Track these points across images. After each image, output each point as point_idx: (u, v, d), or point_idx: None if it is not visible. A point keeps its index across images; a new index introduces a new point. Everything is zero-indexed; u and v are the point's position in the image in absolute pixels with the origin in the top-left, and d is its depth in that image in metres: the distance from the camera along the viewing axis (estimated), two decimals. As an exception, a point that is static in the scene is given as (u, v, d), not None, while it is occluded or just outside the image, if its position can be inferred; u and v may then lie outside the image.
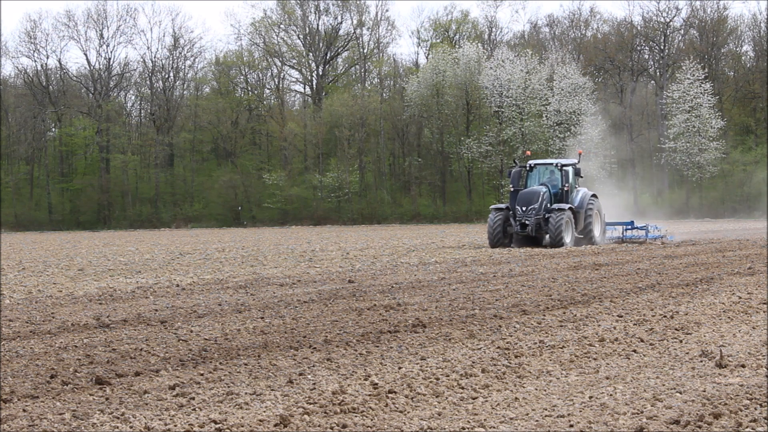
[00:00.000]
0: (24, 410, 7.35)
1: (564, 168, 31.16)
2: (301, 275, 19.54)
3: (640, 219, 41.02)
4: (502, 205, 30.95)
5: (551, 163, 32.01)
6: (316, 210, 77.94)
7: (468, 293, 15.11)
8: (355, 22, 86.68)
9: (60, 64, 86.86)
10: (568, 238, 29.83)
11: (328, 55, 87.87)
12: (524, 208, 30.07)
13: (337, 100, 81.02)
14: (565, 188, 30.83)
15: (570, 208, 30.25)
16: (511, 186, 31.37)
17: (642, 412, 7.04)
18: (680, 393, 7.63)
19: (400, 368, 8.75)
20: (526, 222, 29.95)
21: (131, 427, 6.82)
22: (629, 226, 33.47)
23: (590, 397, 7.58)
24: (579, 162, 32.18)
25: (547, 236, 30.14)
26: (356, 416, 7.10)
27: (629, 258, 23.23)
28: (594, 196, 31.68)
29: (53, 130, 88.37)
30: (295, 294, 15.48)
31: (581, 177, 32.01)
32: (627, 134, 79.37)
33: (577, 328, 11.13)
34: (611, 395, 7.63)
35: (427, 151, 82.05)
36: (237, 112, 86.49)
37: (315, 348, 9.97)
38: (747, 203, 70.35)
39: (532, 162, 32.31)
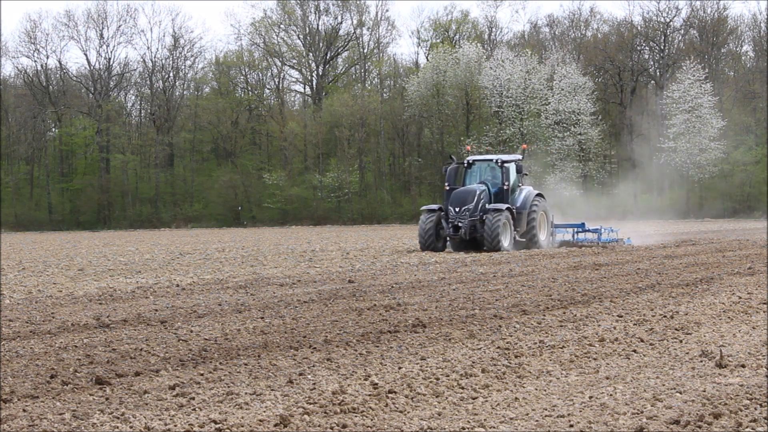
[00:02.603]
0: (24, 410, 7.35)
1: (505, 164, 28.53)
2: (301, 275, 19.54)
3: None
4: (435, 206, 28.28)
5: (491, 160, 29.20)
6: (316, 210, 77.95)
7: (468, 293, 15.10)
8: (355, 22, 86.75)
9: (60, 64, 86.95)
10: (506, 242, 27.25)
11: (328, 55, 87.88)
12: (458, 209, 27.55)
13: (337, 100, 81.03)
14: (505, 187, 28.25)
15: (509, 209, 27.61)
16: (446, 184, 28.82)
17: (642, 412, 7.05)
18: (680, 393, 7.63)
19: (400, 368, 8.75)
20: (459, 224, 27.43)
21: (131, 427, 6.82)
22: (580, 229, 31.04)
23: (590, 397, 7.58)
24: (523, 158, 30.00)
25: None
26: (356, 416, 7.10)
27: (629, 258, 23.24)
28: (540, 195, 29.08)
29: (53, 130, 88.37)
30: (295, 294, 15.48)
31: (525, 174, 29.90)
32: (627, 134, 79.38)
33: (577, 328, 11.13)
34: (611, 395, 7.63)
35: (427, 151, 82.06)
36: (237, 112, 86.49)
37: (315, 348, 9.97)
38: (747, 203, 70.32)
39: (470, 158, 29.50)
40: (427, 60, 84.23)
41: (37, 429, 6.80)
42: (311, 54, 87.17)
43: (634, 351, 9.61)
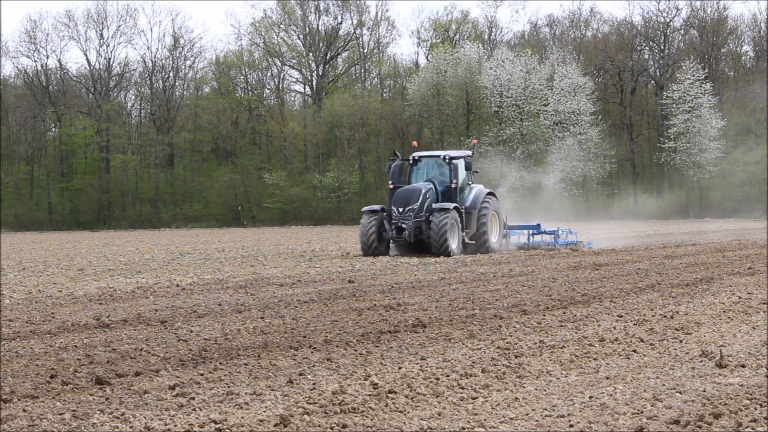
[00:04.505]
0: (24, 410, 7.35)
1: (453, 161, 26.74)
2: (301, 275, 19.54)
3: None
4: (377, 207, 26.30)
5: (438, 156, 27.34)
6: (316, 210, 77.93)
7: (468, 293, 15.10)
8: (355, 22, 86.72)
9: (60, 64, 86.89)
10: (453, 244, 25.43)
11: (328, 55, 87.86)
12: (401, 209, 25.72)
13: (338, 100, 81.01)
14: (453, 185, 26.47)
15: (456, 208, 25.77)
16: (390, 183, 27.13)
17: (642, 412, 7.04)
18: (680, 393, 7.63)
19: (400, 368, 8.75)
20: (403, 225, 25.58)
21: (131, 427, 6.82)
22: (535, 231, 28.84)
23: (590, 397, 7.58)
24: (473, 154, 28.04)
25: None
26: (356, 416, 7.10)
27: (629, 258, 23.24)
28: (491, 194, 27.32)
29: (53, 130, 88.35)
30: (295, 294, 15.48)
31: (476, 172, 28.49)
32: (627, 134, 79.34)
33: (577, 328, 11.13)
34: (611, 395, 7.63)
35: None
36: (237, 112, 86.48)
37: (315, 348, 9.97)
38: (747, 203, 70.31)
39: (416, 154, 27.68)
40: (427, 60, 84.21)
41: (37, 429, 6.80)
42: (311, 54, 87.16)
43: (634, 351, 9.61)
